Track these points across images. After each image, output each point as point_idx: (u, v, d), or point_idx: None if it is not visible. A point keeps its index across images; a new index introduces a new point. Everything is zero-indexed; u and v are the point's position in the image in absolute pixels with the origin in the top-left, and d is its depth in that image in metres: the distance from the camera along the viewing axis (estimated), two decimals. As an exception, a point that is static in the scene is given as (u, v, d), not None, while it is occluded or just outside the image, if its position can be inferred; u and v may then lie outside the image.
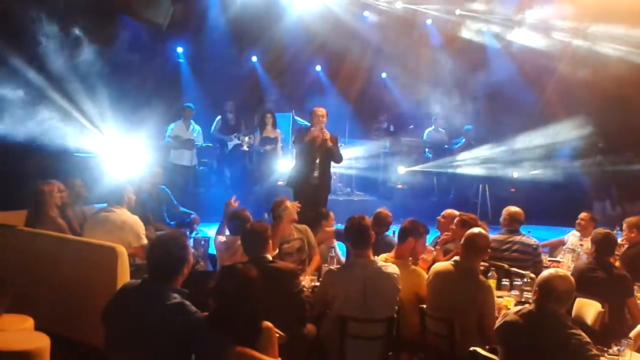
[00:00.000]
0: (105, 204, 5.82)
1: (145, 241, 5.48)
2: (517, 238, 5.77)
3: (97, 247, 4.87)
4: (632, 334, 3.95)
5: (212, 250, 5.67)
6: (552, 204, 10.95)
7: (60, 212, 5.76)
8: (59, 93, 7.71)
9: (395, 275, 4.28)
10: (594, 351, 3.15)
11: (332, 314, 4.26)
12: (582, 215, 6.82)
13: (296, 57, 12.76)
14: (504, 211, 6.01)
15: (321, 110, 7.61)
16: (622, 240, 5.89)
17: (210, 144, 11.35)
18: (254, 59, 13.02)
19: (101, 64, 8.32)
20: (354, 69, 13.09)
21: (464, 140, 12.46)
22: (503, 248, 5.68)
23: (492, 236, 5.45)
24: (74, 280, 4.78)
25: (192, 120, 10.14)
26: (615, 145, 11.85)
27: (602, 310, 4.41)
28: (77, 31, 8.10)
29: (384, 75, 14.31)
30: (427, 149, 12.87)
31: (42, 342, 4.04)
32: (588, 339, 3.16)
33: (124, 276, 4.64)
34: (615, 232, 5.64)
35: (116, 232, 5.45)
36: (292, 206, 5.63)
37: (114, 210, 5.63)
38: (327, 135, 7.54)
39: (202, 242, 5.79)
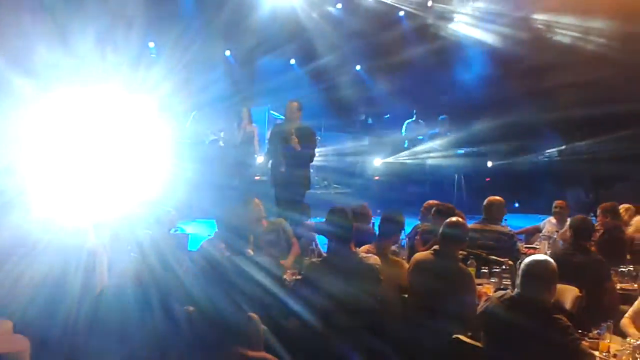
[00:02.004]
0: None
1: None
2: (493, 227, 5.83)
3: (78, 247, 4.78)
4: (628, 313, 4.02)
5: (192, 247, 5.64)
6: (526, 193, 11.10)
7: None
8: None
9: (377, 267, 4.30)
10: (576, 335, 3.21)
11: (315, 306, 4.26)
12: (558, 202, 6.93)
13: (270, 51, 12.70)
14: (486, 201, 6.06)
15: (295, 104, 7.57)
16: (597, 226, 5.98)
17: (189, 140, 11.25)
18: (227, 53, 12.92)
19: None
20: (328, 62, 13.08)
21: (438, 130, 12.57)
22: (478, 237, 5.73)
23: (472, 224, 5.50)
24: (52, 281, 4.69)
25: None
26: (585, 133, 12.05)
27: (580, 295, 4.48)
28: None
29: (358, 67, 14.34)
30: (406, 141, 12.94)
31: (21, 345, 3.97)
32: (569, 323, 3.21)
33: (102, 277, 4.57)
34: (590, 218, 5.74)
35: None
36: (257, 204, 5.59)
37: None
38: (296, 142, 7.42)
39: (182, 239, 5.75)
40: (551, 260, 3.44)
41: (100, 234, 5.31)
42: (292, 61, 13.75)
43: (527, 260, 3.38)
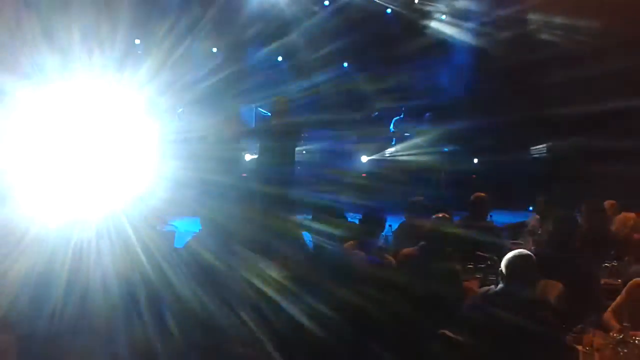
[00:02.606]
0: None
1: None
2: (479, 223, 5.88)
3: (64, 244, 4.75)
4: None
5: (178, 244, 5.62)
6: (512, 189, 11.18)
7: None
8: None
9: (363, 262, 4.32)
10: (559, 330, 3.25)
11: (303, 303, 4.27)
12: (541, 198, 7.00)
13: (258, 48, 12.67)
14: (472, 197, 6.11)
15: (282, 100, 7.58)
16: (581, 222, 6.04)
17: (175, 137, 11.19)
18: (215, 49, 12.88)
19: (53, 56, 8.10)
20: (315, 59, 13.07)
21: (422, 128, 12.67)
22: (465, 233, 5.77)
23: (458, 221, 5.54)
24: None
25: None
26: (568, 130, 12.17)
27: (564, 290, 4.52)
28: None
29: (345, 64, 14.35)
30: (394, 138, 12.98)
31: (5, 342, 3.95)
32: (553, 318, 3.25)
33: (89, 274, 4.55)
34: (574, 214, 5.80)
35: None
36: None
37: None
38: (276, 128, 7.44)
39: (168, 236, 5.73)
40: (531, 254, 3.48)
41: (87, 231, 5.29)
42: (280, 58, 13.73)
43: (508, 255, 3.42)
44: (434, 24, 13.68)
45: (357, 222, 5.47)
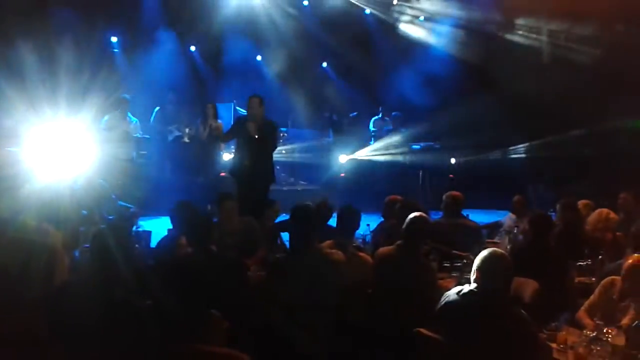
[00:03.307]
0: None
1: None
2: (460, 221, 5.93)
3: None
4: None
5: (154, 243, 5.58)
6: (488, 189, 11.28)
7: None
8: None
9: (341, 262, 4.31)
10: (533, 328, 3.27)
11: (279, 302, 4.26)
12: (516, 198, 7.07)
13: (236, 47, 12.62)
14: (445, 196, 6.15)
15: (257, 99, 7.52)
16: (556, 221, 6.11)
17: (149, 136, 11.11)
18: (192, 48, 12.80)
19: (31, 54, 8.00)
20: (294, 58, 13.07)
21: (392, 127, 12.77)
22: (446, 231, 5.81)
23: (435, 220, 5.58)
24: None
25: (128, 112, 9.89)
26: (544, 130, 12.32)
27: (539, 288, 4.57)
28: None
29: (325, 64, 14.36)
30: (372, 137, 13.02)
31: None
32: (527, 316, 3.27)
33: (63, 275, 4.49)
34: (549, 213, 5.87)
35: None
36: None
37: None
38: (252, 127, 7.41)
39: (144, 236, 5.68)
40: (505, 253, 3.51)
41: (62, 231, 5.22)
42: (259, 57, 13.70)
43: (482, 254, 3.44)
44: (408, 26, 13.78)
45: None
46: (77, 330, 2.96)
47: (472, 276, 3.44)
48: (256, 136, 7.37)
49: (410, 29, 13.79)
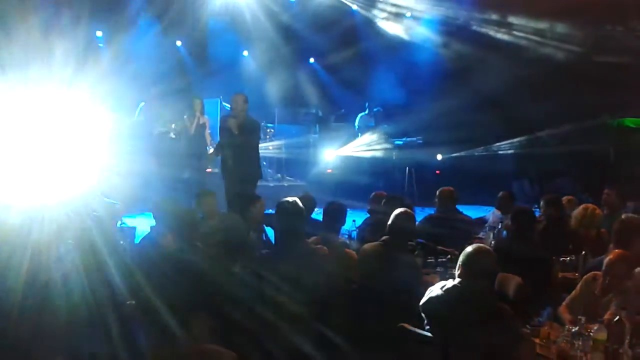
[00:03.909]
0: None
1: None
2: (456, 215, 5.98)
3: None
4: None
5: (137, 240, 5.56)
6: (474, 185, 11.34)
7: None
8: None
9: (326, 258, 4.32)
10: (517, 323, 3.30)
11: (264, 298, 4.25)
12: (502, 194, 7.12)
13: (222, 42, 12.57)
14: (439, 191, 6.18)
15: (240, 97, 7.55)
16: (540, 217, 6.16)
17: (136, 132, 11.02)
18: (179, 43, 12.73)
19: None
20: (281, 54, 13.04)
21: (373, 123, 12.80)
22: (444, 225, 5.84)
23: (431, 215, 5.66)
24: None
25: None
26: (529, 127, 12.42)
27: (522, 283, 4.60)
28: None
29: (312, 60, 14.34)
30: (358, 134, 13.04)
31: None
32: (510, 311, 3.30)
33: (49, 272, 4.46)
34: (533, 209, 5.92)
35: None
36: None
37: None
38: (234, 123, 7.43)
39: (128, 233, 5.66)
40: (489, 249, 3.53)
41: (46, 229, 5.17)
42: (245, 53, 13.65)
43: (466, 250, 3.46)
44: (396, 22, 13.81)
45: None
46: (61, 328, 2.94)
47: (457, 271, 3.46)
48: (236, 132, 7.40)
49: (393, 27, 13.82)
